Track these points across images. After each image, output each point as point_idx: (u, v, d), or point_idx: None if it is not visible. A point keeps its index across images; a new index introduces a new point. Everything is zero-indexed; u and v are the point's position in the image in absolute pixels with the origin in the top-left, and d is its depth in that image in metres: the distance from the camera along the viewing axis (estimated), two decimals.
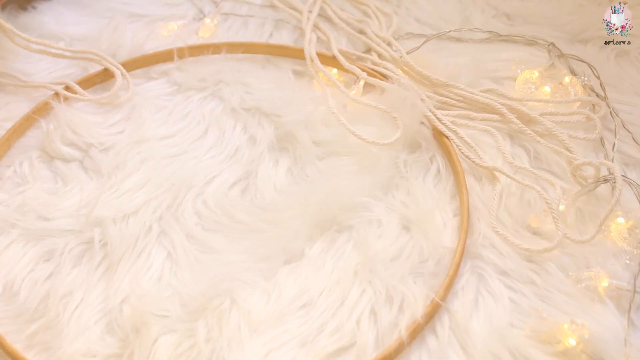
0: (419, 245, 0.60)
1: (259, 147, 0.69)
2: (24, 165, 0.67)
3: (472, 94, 0.71)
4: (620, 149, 0.68)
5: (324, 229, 0.62)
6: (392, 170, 0.66)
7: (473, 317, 0.56)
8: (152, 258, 0.60)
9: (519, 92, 0.73)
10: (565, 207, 0.61)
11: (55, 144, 0.68)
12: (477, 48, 0.79)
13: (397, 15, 0.83)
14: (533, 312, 0.56)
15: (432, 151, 0.68)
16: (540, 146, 0.68)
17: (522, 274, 0.59)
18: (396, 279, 0.58)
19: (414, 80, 0.74)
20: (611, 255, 0.59)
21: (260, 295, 0.58)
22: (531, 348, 0.53)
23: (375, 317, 0.56)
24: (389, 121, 0.69)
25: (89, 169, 0.66)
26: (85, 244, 0.61)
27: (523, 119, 0.69)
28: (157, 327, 0.55)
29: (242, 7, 0.85)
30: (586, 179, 0.63)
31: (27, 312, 0.58)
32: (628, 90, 0.74)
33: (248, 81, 0.74)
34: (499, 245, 0.60)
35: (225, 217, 0.63)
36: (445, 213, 0.63)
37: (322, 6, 0.83)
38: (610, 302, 0.56)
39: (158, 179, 0.66)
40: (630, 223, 0.60)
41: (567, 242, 0.59)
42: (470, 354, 0.54)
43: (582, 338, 0.53)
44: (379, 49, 0.77)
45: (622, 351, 0.53)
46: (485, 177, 0.65)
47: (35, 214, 0.63)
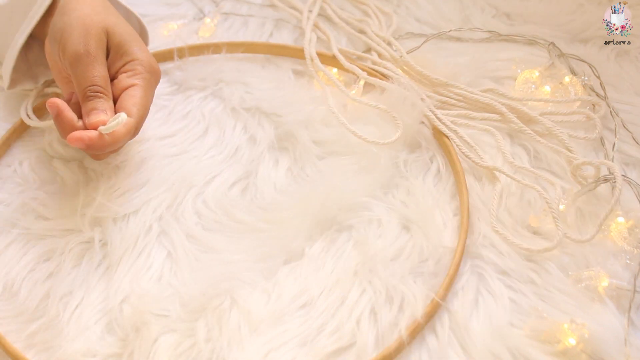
0: (419, 245, 0.60)
1: (259, 147, 0.69)
2: (24, 165, 0.67)
3: (472, 93, 0.71)
4: (620, 149, 0.68)
5: (324, 229, 0.62)
6: (392, 170, 0.66)
7: (473, 317, 0.56)
8: (152, 258, 0.61)
9: (519, 92, 0.73)
10: (565, 207, 0.61)
11: (55, 144, 0.68)
12: (477, 48, 0.79)
13: (397, 15, 0.83)
14: (533, 312, 0.56)
15: (432, 151, 0.68)
16: (540, 146, 0.68)
17: (522, 273, 0.59)
18: (396, 278, 0.58)
19: (414, 80, 0.74)
20: (611, 255, 0.59)
21: (260, 295, 0.58)
22: (531, 348, 0.53)
23: (375, 317, 0.56)
24: (389, 121, 0.69)
25: (89, 169, 0.66)
26: (85, 244, 0.61)
27: (523, 118, 0.69)
28: (157, 327, 0.55)
29: (242, 7, 0.85)
30: (586, 179, 0.63)
31: (27, 312, 0.58)
32: (628, 90, 0.74)
33: (248, 81, 0.74)
34: (499, 245, 0.60)
35: (225, 217, 0.63)
36: (445, 213, 0.63)
37: (322, 6, 0.83)
38: (610, 302, 0.56)
39: (158, 179, 0.66)
40: (630, 223, 0.60)
41: (567, 241, 0.59)
42: (470, 353, 0.54)
43: (582, 338, 0.53)
44: (379, 49, 0.77)
45: (622, 351, 0.53)
46: (486, 177, 0.65)
47: (35, 214, 0.63)
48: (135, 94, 0.62)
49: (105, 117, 0.60)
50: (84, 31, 0.61)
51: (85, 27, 0.61)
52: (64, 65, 0.62)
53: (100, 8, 0.64)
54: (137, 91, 0.62)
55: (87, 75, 0.60)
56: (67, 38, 0.61)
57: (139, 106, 0.61)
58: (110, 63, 0.63)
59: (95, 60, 0.61)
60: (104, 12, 0.64)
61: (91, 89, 0.60)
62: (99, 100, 0.60)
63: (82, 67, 0.60)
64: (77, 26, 0.61)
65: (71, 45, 0.61)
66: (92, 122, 0.59)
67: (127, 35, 0.64)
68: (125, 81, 0.62)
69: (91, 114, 0.60)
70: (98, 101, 0.60)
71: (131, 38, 0.64)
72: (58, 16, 0.63)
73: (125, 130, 0.60)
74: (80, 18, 0.62)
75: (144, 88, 0.63)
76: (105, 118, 0.60)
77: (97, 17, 0.63)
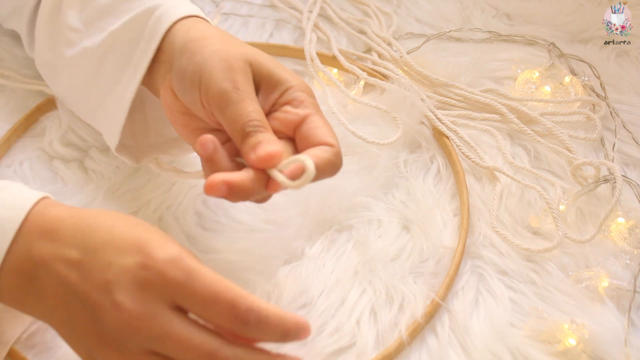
0: (419, 245, 0.60)
1: None
2: (24, 165, 0.67)
3: (472, 94, 0.71)
4: (620, 149, 0.69)
5: (324, 229, 0.62)
6: (392, 170, 0.66)
7: (473, 317, 0.56)
8: None
9: (519, 92, 0.73)
10: (566, 207, 0.61)
11: (55, 144, 0.68)
12: (477, 48, 0.79)
13: (397, 15, 0.83)
14: (533, 312, 0.56)
15: (432, 151, 0.68)
16: (540, 146, 0.68)
17: (522, 273, 0.59)
18: (396, 279, 0.58)
19: (414, 80, 0.74)
20: (611, 255, 0.59)
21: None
22: (531, 348, 0.53)
23: (375, 317, 0.56)
24: (389, 121, 0.69)
25: (89, 169, 0.66)
26: None
27: (523, 119, 0.69)
28: None
29: (243, 7, 0.85)
30: (586, 179, 0.63)
31: None
32: (628, 90, 0.75)
33: None
34: (499, 245, 0.60)
35: (225, 217, 0.63)
36: (445, 213, 0.63)
37: (322, 6, 0.83)
38: (610, 302, 0.56)
39: (158, 179, 0.65)
40: (630, 223, 0.60)
41: (568, 242, 0.60)
42: (470, 353, 0.54)
43: (582, 338, 0.53)
44: (379, 49, 0.77)
45: (622, 351, 0.53)
46: (486, 177, 0.65)
47: None
48: (318, 124, 0.52)
49: (279, 148, 0.49)
50: (227, 66, 0.52)
51: (226, 62, 0.52)
52: (209, 109, 0.52)
53: (232, 40, 0.55)
54: (317, 120, 0.53)
55: (241, 112, 0.51)
56: (208, 78, 0.52)
57: (332, 132, 0.52)
58: (263, 97, 0.54)
59: (247, 95, 0.52)
60: (238, 43, 0.55)
61: (250, 125, 0.50)
62: (262, 133, 0.50)
63: (234, 105, 0.51)
64: (216, 62, 0.52)
65: (215, 83, 0.51)
66: (262, 155, 0.49)
67: (271, 63, 0.55)
68: (294, 113, 0.53)
69: (258, 147, 0.49)
70: (262, 134, 0.50)
71: (276, 65, 0.55)
72: (186, 59, 0.53)
73: (330, 167, 0.50)
74: (216, 53, 0.53)
75: (320, 114, 0.54)
76: (279, 148, 0.49)
77: (234, 49, 0.53)
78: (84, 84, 0.61)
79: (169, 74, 0.55)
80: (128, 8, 0.59)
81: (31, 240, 0.46)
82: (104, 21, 0.59)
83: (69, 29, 0.60)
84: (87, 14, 0.60)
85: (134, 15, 0.58)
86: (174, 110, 0.56)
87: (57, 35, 0.61)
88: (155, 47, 0.56)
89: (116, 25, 0.58)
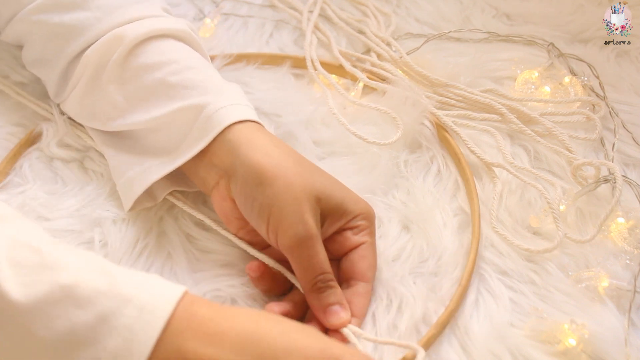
0: (419, 245, 0.60)
1: None
2: (24, 165, 0.67)
3: (472, 94, 0.71)
4: (620, 149, 0.69)
5: None
6: (393, 170, 0.66)
7: (473, 317, 0.56)
8: (153, 258, 0.60)
9: (519, 92, 0.73)
10: (566, 207, 0.61)
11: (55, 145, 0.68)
12: (477, 48, 0.79)
13: (396, 15, 0.83)
14: (533, 312, 0.56)
15: (432, 151, 0.68)
16: (540, 146, 0.68)
17: (522, 274, 0.59)
18: (396, 279, 0.58)
19: (414, 81, 0.74)
20: (611, 255, 0.59)
21: (261, 295, 0.58)
22: (531, 348, 0.53)
23: (375, 318, 0.56)
24: (389, 121, 0.69)
25: (89, 169, 0.66)
26: (85, 244, 0.61)
27: (523, 119, 0.69)
28: None
29: (242, 7, 0.85)
30: (586, 179, 0.63)
31: None
32: (628, 90, 0.75)
33: (248, 81, 0.74)
34: (499, 246, 0.60)
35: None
36: (446, 213, 0.63)
37: (322, 6, 0.83)
38: (610, 302, 0.56)
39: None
40: (630, 223, 0.60)
41: (568, 242, 0.59)
42: (470, 353, 0.53)
43: (582, 338, 0.53)
44: (378, 49, 0.77)
45: (622, 351, 0.53)
46: (486, 177, 0.65)
47: (35, 214, 0.63)
48: (367, 254, 0.55)
49: (348, 317, 0.53)
50: (298, 207, 0.52)
51: (297, 201, 0.52)
52: (274, 239, 0.54)
53: (300, 166, 0.55)
54: (368, 251, 0.55)
55: (313, 261, 0.52)
56: (279, 215, 0.52)
57: (374, 265, 0.56)
58: (329, 225, 0.55)
59: (317, 241, 0.53)
60: (306, 172, 0.55)
61: (321, 279, 0.52)
62: (332, 291, 0.53)
63: (306, 252, 0.52)
64: (289, 201, 0.52)
65: (289, 228, 0.52)
66: (334, 325, 0.52)
67: (338, 192, 0.55)
68: (352, 240, 0.55)
69: (331, 315, 0.52)
70: (333, 294, 0.53)
71: (343, 194, 0.56)
72: (253, 184, 0.53)
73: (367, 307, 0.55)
74: (288, 189, 0.53)
75: (373, 245, 0.56)
76: (348, 318, 0.52)
77: (305, 182, 0.54)
78: (116, 146, 0.62)
79: (224, 181, 0.56)
80: (174, 94, 0.59)
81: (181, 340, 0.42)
82: (149, 102, 0.60)
83: (110, 104, 0.61)
84: (129, 90, 0.60)
85: (183, 106, 0.58)
86: (230, 216, 0.57)
87: (96, 104, 0.62)
88: (204, 146, 0.57)
89: (162, 111, 0.59)
